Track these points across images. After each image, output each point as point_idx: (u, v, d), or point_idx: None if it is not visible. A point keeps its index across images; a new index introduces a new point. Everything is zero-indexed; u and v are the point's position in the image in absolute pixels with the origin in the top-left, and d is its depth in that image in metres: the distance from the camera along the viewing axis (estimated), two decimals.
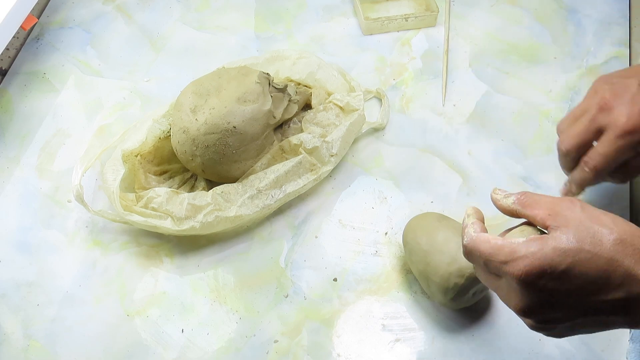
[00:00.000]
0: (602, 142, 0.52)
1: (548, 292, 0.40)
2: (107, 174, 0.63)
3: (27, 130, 0.73)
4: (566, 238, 0.40)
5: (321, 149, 0.64)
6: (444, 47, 0.79)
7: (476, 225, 0.46)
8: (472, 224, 0.46)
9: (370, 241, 0.64)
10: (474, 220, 0.46)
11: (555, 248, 0.40)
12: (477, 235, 0.44)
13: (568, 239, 0.40)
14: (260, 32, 0.82)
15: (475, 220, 0.46)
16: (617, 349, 0.56)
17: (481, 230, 0.45)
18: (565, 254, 0.39)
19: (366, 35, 0.80)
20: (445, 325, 0.58)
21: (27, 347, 0.58)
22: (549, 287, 0.40)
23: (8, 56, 0.81)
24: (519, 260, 0.40)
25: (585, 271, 0.39)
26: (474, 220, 0.46)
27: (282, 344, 0.58)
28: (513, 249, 0.41)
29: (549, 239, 0.40)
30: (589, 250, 0.39)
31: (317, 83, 0.72)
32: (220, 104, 0.61)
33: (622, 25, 0.81)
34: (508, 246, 0.41)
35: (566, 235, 0.40)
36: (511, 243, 0.41)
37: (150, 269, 0.63)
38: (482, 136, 0.71)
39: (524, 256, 0.40)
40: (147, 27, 0.83)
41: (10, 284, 0.62)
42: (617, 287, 0.39)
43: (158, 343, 0.58)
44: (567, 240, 0.40)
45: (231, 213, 0.61)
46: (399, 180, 0.68)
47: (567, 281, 0.40)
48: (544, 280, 0.40)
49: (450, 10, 0.83)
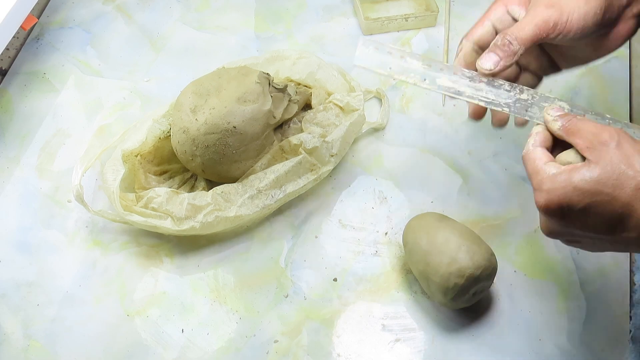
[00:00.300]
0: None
1: (566, 223, 0.44)
2: (107, 174, 0.63)
3: (27, 130, 0.73)
4: (590, 176, 0.42)
5: (321, 149, 0.64)
6: (443, 47, 0.79)
7: (538, 136, 0.47)
8: (536, 134, 0.48)
9: (370, 241, 0.64)
10: (539, 130, 0.48)
11: (576, 187, 0.42)
12: (530, 150, 0.46)
13: (592, 178, 0.42)
14: (260, 32, 0.82)
15: (540, 131, 0.48)
16: (617, 349, 0.56)
17: (541, 142, 0.47)
18: (584, 194, 0.42)
19: (366, 35, 0.80)
20: (445, 325, 0.58)
21: (27, 347, 0.58)
22: (566, 220, 0.43)
23: (8, 56, 0.81)
24: (543, 192, 0.43)
25: (601, 212, 0.42)
26: (539, 131, 0.48)
27: (282, 344, 0.58)
28: (541, 180, 0.44)
29: (575, 174, 0.42)
30: (609, 193, 0.41)
31: (317, 83, 0.72)
32: (220, 104, 0.61)
33: None
34: (540, 174, 0.44)
35: (591, 173, 0.42)
36: (544, 172, 0.44)
37: (150, 269, 0.63)
38: (482, 136, 0.71)
39: (547, 190, 0.43)
40: (147, 27, 0.83)
41: (10, 284, 0.62)
42: (631, 229, 0.42)
43: (158, 343, 0.58)
44: (591, 179, 0.42)
45: (231, 213, 0.61)
46: (399, 180, 0.68)
47: (583, 219, 0.43)
48: (562, 214, 0.43)
49: (450, 10, 0.83)
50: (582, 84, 0.75)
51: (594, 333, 0.57)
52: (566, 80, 0.75)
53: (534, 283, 0.60)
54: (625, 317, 0.58)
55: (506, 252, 0.62)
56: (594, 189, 0.42)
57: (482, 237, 0.57)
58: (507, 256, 0.62)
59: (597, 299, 0.59)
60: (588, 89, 0.74)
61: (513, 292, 0.60)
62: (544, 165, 0.45)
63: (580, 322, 0.58)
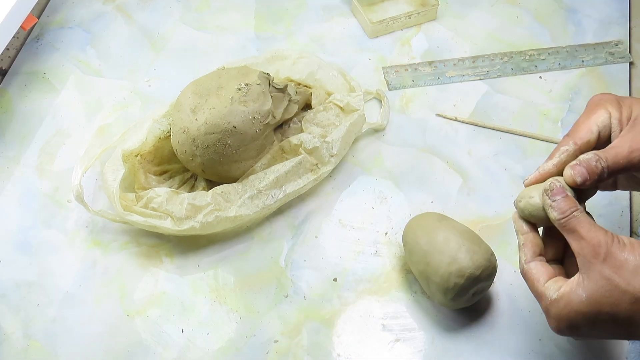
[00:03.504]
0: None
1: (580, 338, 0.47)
2: (107, 174, 0.63)
3: (27, 130, 0.73)
4: (586, 297, 0.43)
5: (321, 149, 0.64)
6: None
7: (527, 249, 0.48)
8: (524, 246, 0.49)
9: (370, 241, 0.64)
10: (524, 242, 0.49)
11: (578, 312, 0.44)
12: (525, 269, 0.48)
13: (588, 299, 0.43)
14: (260, 32, 0.82)
15: (525, 242, 0.49)
16: (617, 349, 0.56)
17: (532, 255, 0.48)
18: (586, 316, 0.44)
19: (371, 37, 0.80)
20: (445, 325, 0.58)
21: (27, 347, 0.58)
22: (580, 336, 0.46)
23: (8, 56, 0.81)
24: (551, 319, 0.46)
25: (607, 329, 0.44)
26: (524, 242, 0.49)
27: (282, 344, 0.58)
28: (546, 307, 0.46)
29: (574, 297, 0.44)
30: (608, 312, 0.43)
31: (317, 83, 0.72)
32: (220, 104, 0.61)
33: (622, 25, 0.81)
34: (544, 299, 0.46)
35: (585, 293, 0.43)
36: (546, 297, 0.46)
37: (150, 269, 0.63)
38: (482, 136, 0.71)
39: (554, 317, 0.45)
40: (147, 27, 0.83)
41: (10, 284, 0.62)
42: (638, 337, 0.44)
43: (158, 343, 0.58)
44: (587, 300, 0.43)
45: (231, 213, 0.61)
46: (399, 180, 0.68)
47: (593, 333, 0.45)
48: (573, 334, 0.46)
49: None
50: (582, 83, 0.75)
51: None
52: (566, 80, 0.75)
53: None
54: None
55: (506, 252, 0.62)
56: (593, 311, 0.43)
57: (482, 237, 0.57)
58: (507, 256, 0.62)
59: None
60: (588, 89, 0.74)
61: (513, 292, 0.60)
62: (544, 289, 0.46)
63: None
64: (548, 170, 0.49)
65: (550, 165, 0.49)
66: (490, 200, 0.66)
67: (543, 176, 0.49)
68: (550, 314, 0.46)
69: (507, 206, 0.65)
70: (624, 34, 0.80)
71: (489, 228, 0.64)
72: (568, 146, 0.49)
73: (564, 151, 0.49)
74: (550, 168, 0.49)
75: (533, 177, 0.50)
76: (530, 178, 0.50)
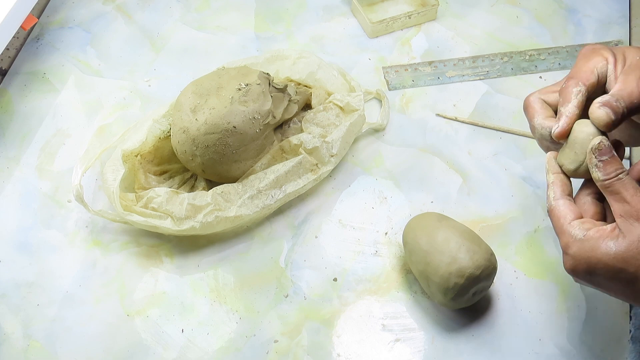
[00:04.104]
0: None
1: (591, 284, 0.46)
2: (107, 174, 0.63)
3: (27, 130, 0.73)
4: (615, 251, 0.43)
5: (321, 149, 0.64)
6: None
7: (556, 187, 0.47)
8: (553, 184, 0.48)
9: (370, 241, 0.64)
10: (553, 180, 0.48)
11: (600, 260, 0.43)
12: (553, 206, 0.47)
13: (616, 253, 0.42)
14: (260, 32, 0.82)
15: (554, 180, 0.48)
16: (617, 349, 0.56)
17: (561, 193, 0.47)
18: (608, 268, 0.43)
19: (372, 37, 0.80)
20: (445, 325, 0.58)
21: (27, 347, 0.58)
22: (592, 283, 0.45)
23: (8, 56, 0.81)
24: (569, 256, 0.45)
25: (624, 287, 0.43)
26: (554, 180, 0.48)
27: (282, 344, 0.58)
28: (567, 243, 0.45)
29: (602, 244, 0.43)
30: (632, 272, 0.42)
31: (317, 83, 0.72)
32: (220, 104, 0.61)
33: (622, 25, 0.81)
34: (566, 236, 0.45)
35: (616, 248, 0.43)
36: (569, 234, 0.45)
37: (150, 269, 0.63)
38: (482, 136, 0.71)
39: (572, 255, 0.44)
40: (147, 27, 0.83)
41: (10, 284, 0.62)
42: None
43: (158, 343, 0.58)
44: (615, 254, 0.42)
45: (231, 213, 0.61)
46: (399, 180, 0.68)
47: (607, 285, 0.44)
48: (587, 279, 0.45)
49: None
50: None
51: (594, 333, 0.57)
52: None
53: (534, 283, 0.60)
54: (625, 317, 0.58)
55: (506, 252, 0.62)
56: (617, 267, 0.42)
57: (482, 237, 0.57)
58: (507, 256, 0.62)
59: (597, 299, 0.59)
60: None
61: (513, 292, 0.60)
62: (569, 226, 0.45)
63: (580, 322, 0.58)
64: (574, 113, 0.47)
65: (574, 108, 0.47)
66: (490, 200, 0.66)
67: (572, 120, 0.48)
68: (569, 251, 0.45)
69: (507, 206, 0.65)
70: (624, 34, 0.80)
71: (489, 228, 0.64)
72: (579, 87, 0.47)
73: (578, 92, 0.47)
74: (575, 111, 0.47)
75: (562, 124, 0.47)
76: (561, 125, 0.47)
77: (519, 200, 0.66)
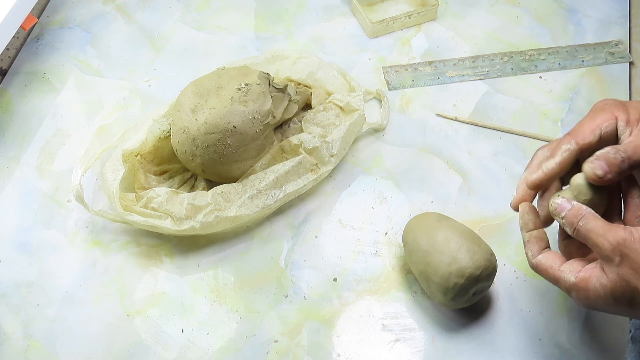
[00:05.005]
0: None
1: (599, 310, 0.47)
2: (107, 174, 0.63)
3: (27, 130, 0.73)
4: (604, 294, 0.44)
5: (321, 149, 0.64)
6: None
7: (532, 245, 0.49)
8: (528, 242, 0.49)
9: (370, 241, 0.64)
10: (528, 239, 0.49)
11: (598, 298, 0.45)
12: (535, 264, 0.49)
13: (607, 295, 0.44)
14: (260, 32, 0.82)
15: (529, 239, 0.49)
16: (617, 349, 0.56)
17: (539, 250, 0.49)
18: (606, 304, 0.45)
19: (371, 37, 0.80)
20: (445, 325, 0.58)
21: (27, 347, 0.58)
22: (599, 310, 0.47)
23: (8, 56, 0.81)
24: (573, 298, 0.47)
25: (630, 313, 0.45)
26: (528, 239, 0.49)
27: (282, 344, 0.58)
28: (567, 289, 0.47)
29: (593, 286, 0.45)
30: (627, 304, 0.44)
31: (317, 83, 0.72)
32: (220, 104, 0.61)
33: (622, 25, 0.81)
34: (562, 282, 0.47)
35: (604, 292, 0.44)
36: (564, 280, 0.46)
37: (150, 269, 0.63)
38: (482, 136, 0.71)
39: (576, 298, 0.46)
40: (147, 27, 0.83)
41: (10, 284, 0.62)
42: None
43: (158, 343, 0.58)
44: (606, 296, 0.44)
45: (231, 213, 0.61)
46: (399, 180, 0.68)
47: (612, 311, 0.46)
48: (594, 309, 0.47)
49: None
50: (582, 84, 0.75)
51: (594, 333, 0.57)
52: (566, 80, 0.75)
53: (534, 283, 0.60)
54: (625, 317, 0.58)
55: (506, 252, 0.62)
56: (612, 304, 0.44)
57: (482, 237, 0.57)
58: (507, 256, 0.62)
59: None
60: (588, 89, 0.74)
61: (513, 292, 0.60)
62: (560, 272, 0.47)
63: (580, 322, 0.58)
64: (552, 169, 0.49)
65: (554, 164, 0.49)
66: (490, 200, 0.66)
67: (547, 175, 0.49)
68: (572, 295, 0.46)
69: (507, 206, 0.65)
70: (624, 34, 0.80)
71: (489, 228, 0.64)
72: (570, 145, 0.48)
73: (565, 150, 0.49)
74: (554, 167, 0.49)
75: (537, 176, 0.49)
76: (536, 177, 0.49)
77: None
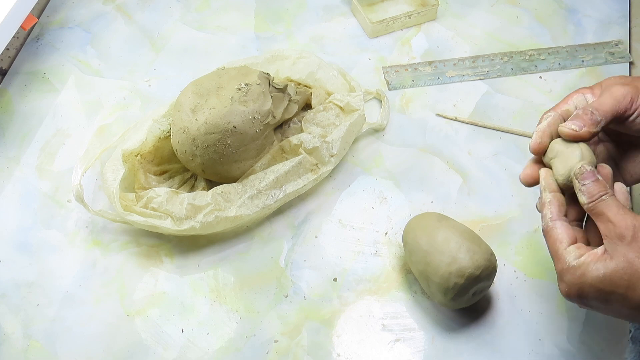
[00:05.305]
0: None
1: (585, 307, 0.47)
2: (107, 174, 0.63)
3: (27, 130, 0.73)
4: (603, 274, 0.43)
5: (321, 149, 0.65)
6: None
7: (553, 206, 0.48)
8: (549, 203, 0.48)
9: (370, 241, 0.64)
10: (550, 199, 0.48)
11: (591, 285, 0.44)
12: (549, 226, 0.48)
13: (605, 275, 0.43)
14: (260, 32, 0.82)
15: (552, 199, 0.48)
16: (617, 349, 0.56)
17: (558, 213, 0.48)
18: (598, 291, 0.44)
19: (371, 37, 0.80)
20: (445, 325, 0.58)
21: (27, 347, 0.58)
22: (585, 306, 0.46)
23: (8, 56, 0.81)
24: (563, 283, 0.46)
25: (617, 307, 0.44)
26: (551, 199, 0.48)
27: (282, 344, 0.58)
28: (562, 270, 0.46)
29: (592, 268, 0.44)
30: (621, 294, 0.43)
31: (317, 83, 0.72)
32: (220, 104, 0.61)
33: (622, 25, 0.81)
34: (561, 262, 0.46)
35: (605, 270, 0.43)
36: (564, 261, 0.46)
37: (150, 269, 0.63)
38: (482, 136, 0.71)
39: (566, 281, 0.45)
40: (147, 27, 0.83)
41: (10, 284, 0.62)
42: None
43: (158, 343, 0.58)
44: (604, 277, 0.43)
45: (231, 213, 0.61)
46: (399, 180, 0.68)
47: (601, 307, 0.45)
48: (581, 302, 0.46)
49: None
50: (582, 83, 0.75)
51: (594, 333, 0.57)
52: (566, 80, 0.75)
53: (534, 283, 0.60)
54: None
55: (506, 252, 0.62)
56: (607, 289, 0.43)
57: (482, 237, 0.57)
58: (507, 256, 0.62)
59: None
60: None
61: (513, 292, 0.60)
62: (565, 252, 0.46)
63: (580, 322, 0.58)
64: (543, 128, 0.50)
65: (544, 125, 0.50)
66: (490, 200, 0.66)
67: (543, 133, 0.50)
68: (563, 278, 0.46)
69: (507, 206, 0.65)
70: (624, 34, 0.80)
71: (489, 228, 0.64)
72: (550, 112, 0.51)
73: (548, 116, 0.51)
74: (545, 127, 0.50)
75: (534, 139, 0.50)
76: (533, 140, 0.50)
77: (519, 200, 0.66)
